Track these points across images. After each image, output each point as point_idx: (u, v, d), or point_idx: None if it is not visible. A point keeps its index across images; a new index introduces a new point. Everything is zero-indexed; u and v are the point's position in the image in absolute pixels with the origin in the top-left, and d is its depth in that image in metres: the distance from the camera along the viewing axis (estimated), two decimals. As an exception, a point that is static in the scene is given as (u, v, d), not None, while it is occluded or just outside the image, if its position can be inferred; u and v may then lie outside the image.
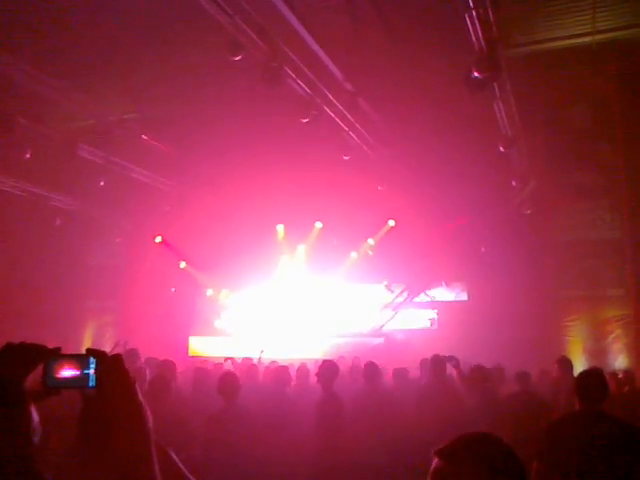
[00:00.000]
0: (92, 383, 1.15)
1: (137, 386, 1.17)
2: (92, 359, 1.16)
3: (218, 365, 9.64)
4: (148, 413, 1.16)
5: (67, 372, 1.15)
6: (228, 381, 5.17)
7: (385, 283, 14.26)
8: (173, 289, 15.66)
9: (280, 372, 6.74)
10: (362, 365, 8.00)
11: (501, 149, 10.29)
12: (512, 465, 1.39)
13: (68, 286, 15.20)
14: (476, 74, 7.64)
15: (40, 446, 1.09)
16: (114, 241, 15.72)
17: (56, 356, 1.16)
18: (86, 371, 1.15)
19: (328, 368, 5.77)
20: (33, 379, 1.14)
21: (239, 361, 9.92)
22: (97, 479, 1.10)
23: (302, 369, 7.82)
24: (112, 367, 1.16)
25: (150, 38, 9.06)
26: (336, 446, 5.24)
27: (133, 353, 7.53)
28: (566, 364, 7.75)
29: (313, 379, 6.43)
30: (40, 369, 1.14)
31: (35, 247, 14.49)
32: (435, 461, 1.40)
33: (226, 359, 10.20)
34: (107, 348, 9.66)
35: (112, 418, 1.13)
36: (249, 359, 9.98)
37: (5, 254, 13.96)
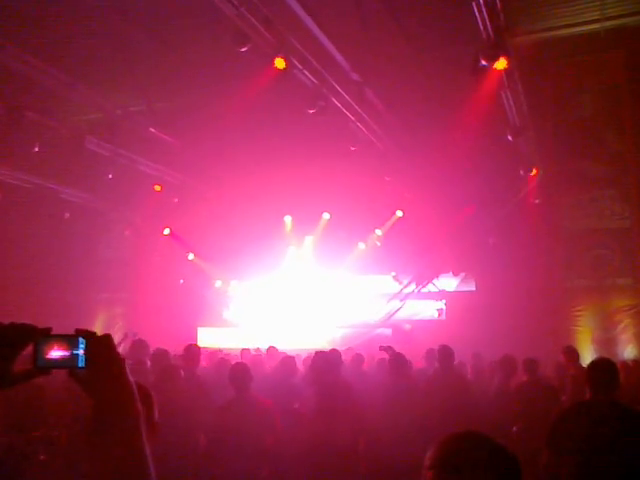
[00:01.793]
0: (81, 363, 1.16)
1: (127, 365, 1.19)
2: (81, 339, 1.17)
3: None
4: (136, 392, 1.19)
5: (57, 352, 1.16)
6: (239, 372, 5.20)
7: (393, 274, 14.25)
8: (181, 281, 15.72)
9: (287, 362, 6.79)
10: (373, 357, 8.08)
11: (509, 138, 10.23)
12: (511, 462, 1.34)
13: (78, 278, 15.28)
14: (483, 62, 7.59)
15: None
16: (123, 234, 15.77)
17: (46, 336, 1.17)
18: (75, 351, 1.16)
19: (321, 359, 5.82)
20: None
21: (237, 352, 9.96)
22: (91, 459, 1.12)
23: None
24: (101, 347, 1.18)
25: (157, 31, 9.08)
26: (333, 437, 5.33)
27: (142, 344, 7.60)
28: (572, 353, 7.78)
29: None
30: (30, 349, 1.15)
31: (44, 240, 14.58)
32: (432, 474, 1.32)
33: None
34: (117, 339, 9.73)
35: (101, 397, 1.15)
36: (247, 350, 10.06)
37: (15, 247, 14.06)
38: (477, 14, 7.20)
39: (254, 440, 4.82)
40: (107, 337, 1.20)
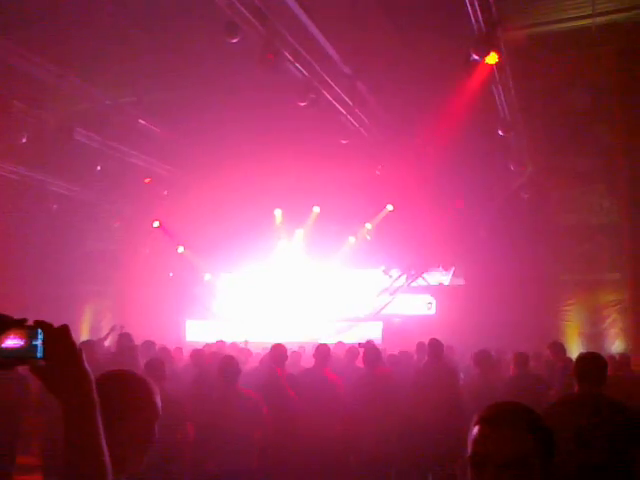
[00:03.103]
0: (40, 354, 1.16)
1: (84, 356, 1.20)
2: (40, 330, 1.17)
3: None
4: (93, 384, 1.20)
5: (15, 343, 1.15)
6: (228, 365, 5.19)
7: (383, 268, 14.27)
8: (171, 274, 15.66)
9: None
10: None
11: (500, 133, 10.25)
12: (549, 432, 1.45)
13: (66, 271, 15.18)
14: (475, 57, 7.60)
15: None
16: (112, 226, 15.69)
17: (3, 328, 1.16)
18: (34, 342, 1.16)
19: (280, 353, 6.12)
20: None
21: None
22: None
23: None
24: (58, 338, 1.18)
25: (147, 21, 8.98)
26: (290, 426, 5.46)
27: (128, 337, 7.71)
28: (558, 348, 7.85)
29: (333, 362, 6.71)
30: None
31: (32, 232, 14.46)
32: (478, 428, 1.43)
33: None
34: (105, 332, 9.73)
35: (59, 388, 1.17)
36: (235, 344, 10.08)
37: (2, 239, 13.93)
38: (469, 8, 7.20)
39: (243, 433, 4.82)
40: (64, 328, 1.21)
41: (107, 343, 10.29)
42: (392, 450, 5.75)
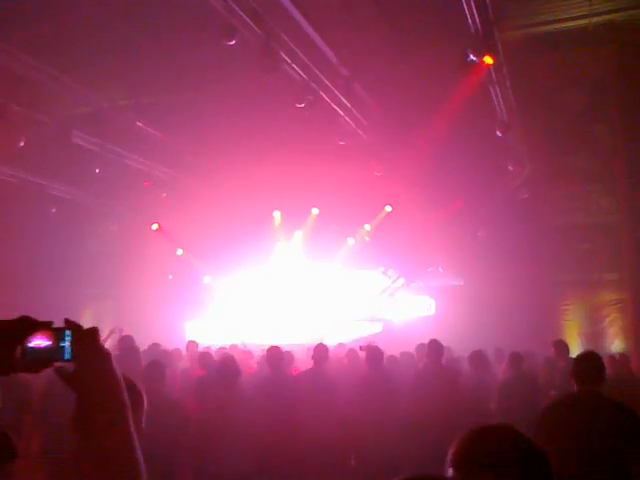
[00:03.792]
0: (68, 356, 1.15)
1: (113, 359, 1.18)
2: (68, 332, 1.16)
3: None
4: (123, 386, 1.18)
5: (43, 344, 1.14)
6: (227, 367, 5.19)
7: (382, 269, 14.26)
8: (170, 276, 15.64)
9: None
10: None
11: (498, 133, 10.25)
12: (542, 464, 1.21)
13: (65, 274, 15.15)
14: (472, 57, 7.60)
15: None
16: (111, 229, 15.67)
17: (30, 329, 1.15)
18: (62, 343, 1.15)
19: (275, 354, 6.14)
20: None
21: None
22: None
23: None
24: (87, 340, 1.16)
25: (144, 24, 8.99)
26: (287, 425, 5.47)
27: (129, 339, 7.67)
28: (562, 346, 7.84)
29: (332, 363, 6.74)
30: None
31: (31, 235, 14.44)
32: (451, 473, 1.21)
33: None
34: (104, 335, 9.69)
35: (87, 391, 1.14)
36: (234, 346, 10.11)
37: (1, 243, 13.92)
38: (466, 8, 7.20)
39: (243, 434, 4.82)
40: (94, 330, 1.19)
41: (106, 346, 10.27)
42: (392, 452, 5.74)
